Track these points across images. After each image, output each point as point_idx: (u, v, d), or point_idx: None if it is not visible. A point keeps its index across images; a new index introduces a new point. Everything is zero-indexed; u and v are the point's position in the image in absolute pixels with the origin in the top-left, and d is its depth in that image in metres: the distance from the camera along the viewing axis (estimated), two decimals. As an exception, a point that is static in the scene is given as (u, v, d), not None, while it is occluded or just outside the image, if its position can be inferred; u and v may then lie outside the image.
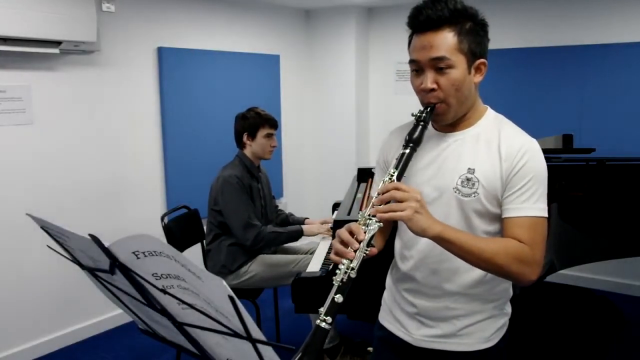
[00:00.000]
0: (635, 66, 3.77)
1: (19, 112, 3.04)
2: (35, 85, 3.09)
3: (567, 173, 3.03)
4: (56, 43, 2.99)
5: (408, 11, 1.31)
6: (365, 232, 1.20)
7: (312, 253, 2.96)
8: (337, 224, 2.27)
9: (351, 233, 1.20)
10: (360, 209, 2.61)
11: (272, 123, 2.89)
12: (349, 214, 2.55)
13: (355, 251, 1.18)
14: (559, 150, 3.09)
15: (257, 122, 2.84)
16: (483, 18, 1.32)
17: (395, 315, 1.50)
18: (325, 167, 5.08)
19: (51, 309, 3.29)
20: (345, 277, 1.16)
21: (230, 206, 2.74)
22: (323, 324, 1.11)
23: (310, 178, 5.13)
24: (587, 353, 3.10)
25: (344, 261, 1.17)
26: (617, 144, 3.78)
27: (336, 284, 1.16)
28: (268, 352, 0.88)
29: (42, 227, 1.04)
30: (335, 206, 3.52)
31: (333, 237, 2.55)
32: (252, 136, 2.85)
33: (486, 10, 1.34)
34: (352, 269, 1.17)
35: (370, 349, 3.12)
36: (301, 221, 3.17)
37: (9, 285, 3.08)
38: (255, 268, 2.85)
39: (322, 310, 1.13)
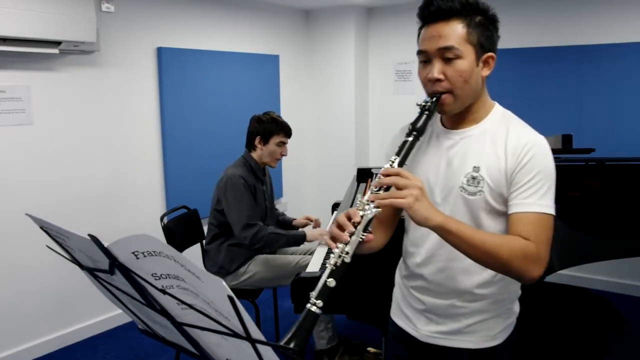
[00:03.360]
0: (635, 66, 3.77)
1: (19, 112, 3.04)
2: (35, 85, 3.09)
3: (567, 173, 3.03)
4: (56, 43, 2.99)
5: (408, 11, 1.32)
6: (362, 217, 1.18)
7: (312, 253, 2.96)
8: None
9: (348, 217, 1.19)
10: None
11: (287, 131, 2.86)
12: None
13: (350, 235, 1.16)
14: (558, 150, 3.09)
15: (273, 128, 2.81)
16: (494, 13, 1.30)
17: (404, 311, 1.50)
18: (324, 167, 5.08)
19: (51, 309, 3.29)
20: (339, 261, 1.14)
21: (231, 204, 2.72)
22: (314, 308, 1.08)
23: (310, 178, 5.13)
24: (586, 353, 3.10)
25: (339, 245, 1.15)
26: (617, 144, 3.78)
27: (329, 267, 1.14)
28: (267, 352, 0.88)
29: (41, 227, 1.04)
30: (335, 206, 3.52)
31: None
32: (265, 141, 2.82)
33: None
34: (347, 253, 1.14)
35: (369, 349, 3.13)
36: (289, 221, 3.14)
37: (8, 285, 3.08)
38: (254, 268, 2.84)
39: (314, 293, 1.10)
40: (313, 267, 2.50)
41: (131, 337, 3.46)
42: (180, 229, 2.95)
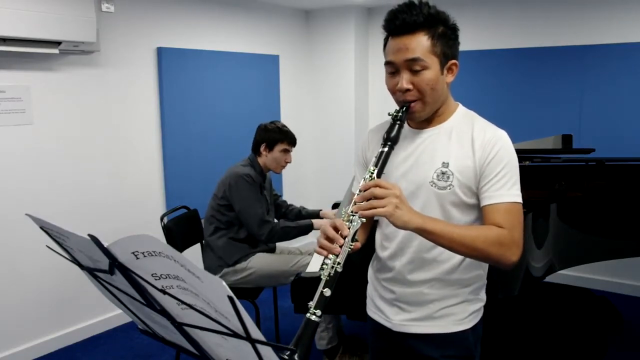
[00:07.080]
0: (635, 66, 3.77)
1: (19, 112, 3.04)
2: (34, 85, 3.09)
3: (567, 173, 3.03)
4: (56, 43, 2.99)
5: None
6: (349, 228, 1.26)
7: (312, 254, 2.97)
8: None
9: (335, 229, 1.27)
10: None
11: (291, 139, 2.97)
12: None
13: (340, 246, 1.25)
14: (558, 151, 3.09)
15: (277, 136, 2.92)
16: (454, 23, 1.39)
17: (376, 304, 1.57)
18: (324, 167, 5.08)
19: (51, 309, 3.29)
20: (332, 272, 1.24)
21: (246, 202, 2.81)
22: (313, 317, 1.18)
23: (310, 178, 5.13)
24: (586, 353, 3.10)
25: (330, 256, 1.25)
26: (617, 144, 3.78)
27: (324, 279, 1.24)
28: (267, 352, 0.88)
29: (41, 228, 1.04)
30: (335, 206, 3.52)
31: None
32: (270, 148, 2.93)
33: (486, 10, 1.35)
34: (339, 263, 1.25)
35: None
36: (316, 213, 3.24)
37: (8, 286, 3.08)
38: (255, 265, 2.87)
39: (312, 304, 1.21)
40: (313, 267, 2.50)
41: (131, 337, 3.46)
42: (180, 229, 2.96)
